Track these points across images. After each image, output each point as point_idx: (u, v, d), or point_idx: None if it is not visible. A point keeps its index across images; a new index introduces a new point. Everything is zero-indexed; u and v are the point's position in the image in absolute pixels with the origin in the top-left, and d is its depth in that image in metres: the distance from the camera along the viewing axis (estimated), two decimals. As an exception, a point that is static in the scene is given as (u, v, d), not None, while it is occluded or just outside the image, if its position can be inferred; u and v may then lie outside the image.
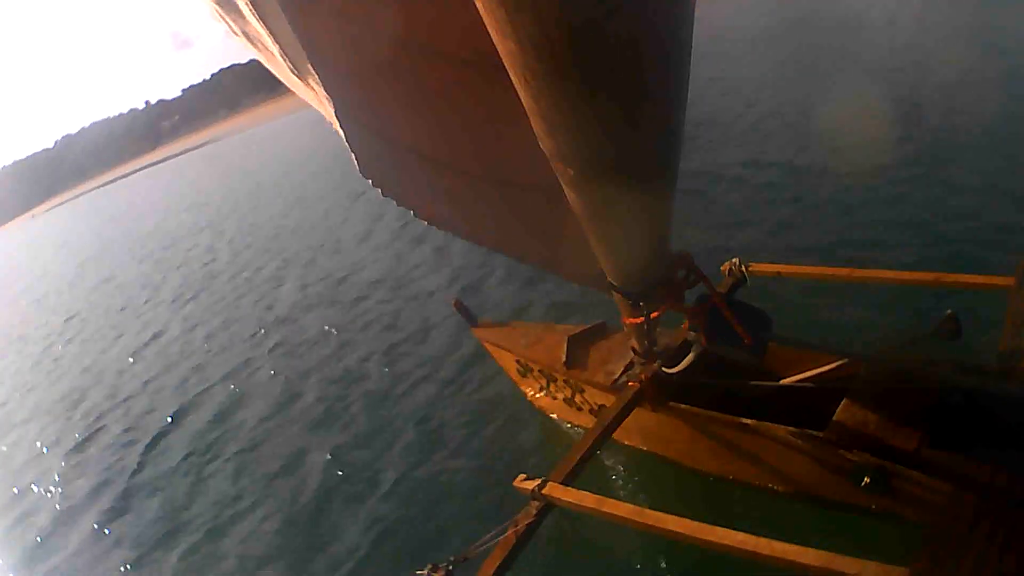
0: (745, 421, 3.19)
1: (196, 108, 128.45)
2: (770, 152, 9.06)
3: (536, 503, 2.99)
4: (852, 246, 5.75)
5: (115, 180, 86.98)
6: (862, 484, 2.83)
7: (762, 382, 3.39)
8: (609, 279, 2.76)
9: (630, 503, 2.89)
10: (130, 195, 52.91)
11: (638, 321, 3.13)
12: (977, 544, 2.26)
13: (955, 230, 5.49)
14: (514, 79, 1.32)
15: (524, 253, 3.50)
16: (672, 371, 3.37)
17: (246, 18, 1.72)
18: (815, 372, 3.30)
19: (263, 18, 1.65)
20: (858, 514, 2.98)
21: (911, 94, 9.32)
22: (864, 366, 3.22)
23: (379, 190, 2.26)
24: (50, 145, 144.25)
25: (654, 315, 3.04)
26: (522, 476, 3.12)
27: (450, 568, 2.92)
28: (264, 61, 2.08)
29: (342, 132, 1.94)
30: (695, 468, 3.76)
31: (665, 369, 3.44)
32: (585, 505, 2.93)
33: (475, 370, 5.92)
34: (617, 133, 1.44)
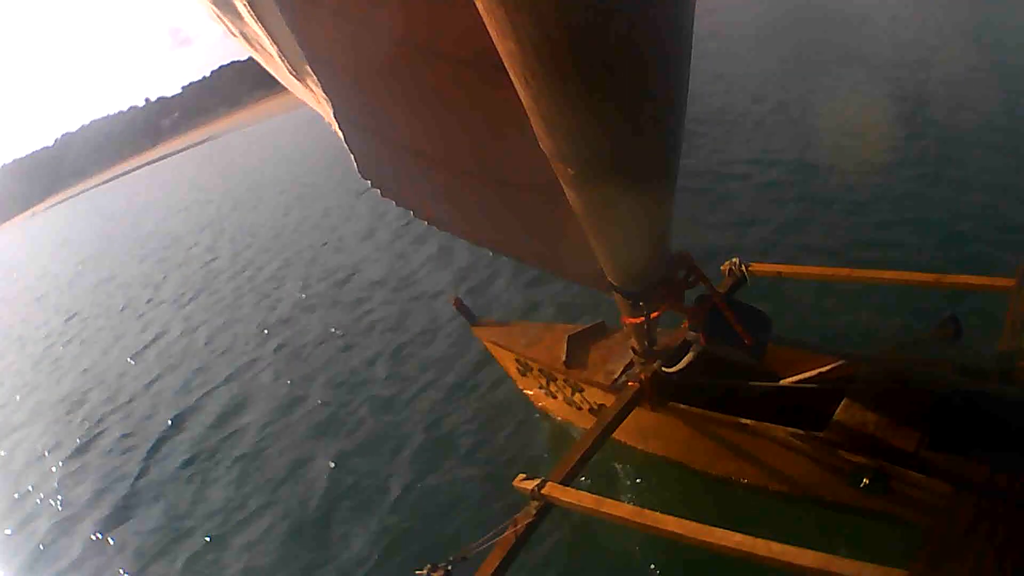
0: (744, 421, 3.19)
1: (196, 105, 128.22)
2: (775, 150, 8.99)
3: (535, 503, 2.99)
4: (859, 246, 5.71)
5: (115, 178, 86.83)
6: (861, 485, 2.83)
7: (762, 382, 3.38)
8: (609, 279, 2.75)
9: (629, 503, 2.91)
10: (130, 193, 52.76)
11: (638, 321, 3.13)
12: (976, 546, 2.25)
13: (964, 229, 5.46)
14: (514, 79, 1.32)
15: (524, 253, 3.50)
16: (672, 371, 3.36)
17: (244, 19, 1.71)
18: (815, 372, 3.30)
19: (261, 19, 1.65)
20: (857, 515, 2.98)
21: (916, 90, 9.26)
22: (864, 367, 3.22)
23: (378, 191, 2.26)
24: (50, 143, 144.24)
25: (654, 315, 3.04)
26: (521, 476, 3.12)
27: (449, 568, 2.93)
28: (262, 62, 2.08)
29: (341, 133, 1.94)
30: (694, 468, 3.76)
31: (665, 369, 3.44)
32: (584, 505, 2.94)
33: (479, 370, 5.89)
34: (617, 133, 1.43)
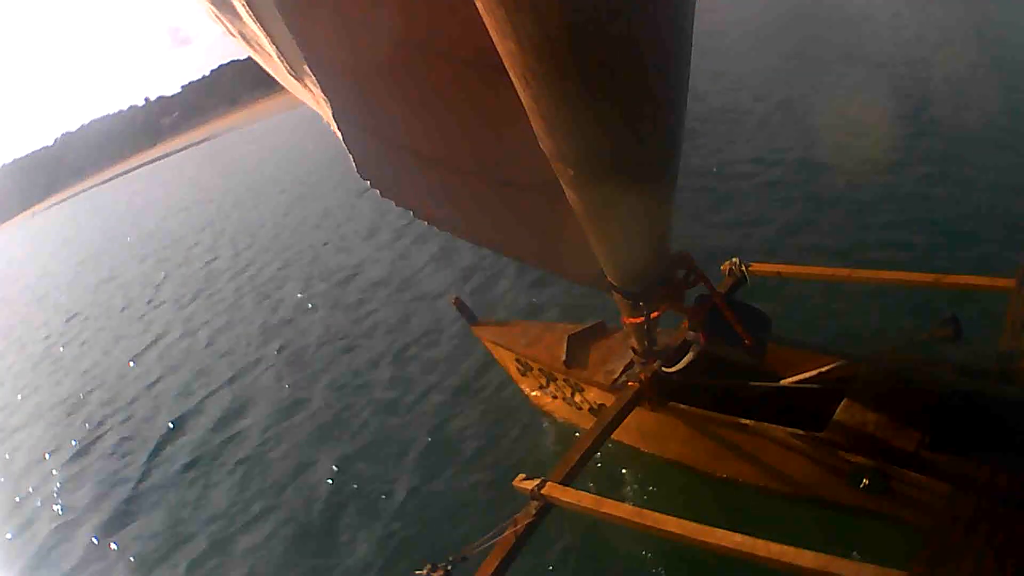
0: (744, 421, 3.19)
1: (196, 104, 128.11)
2: (778, 148, 8.93)
3: (535, 503, 2.99)
4: (864, 246, 5.69)
5: (115, 177, 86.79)
6: (861, 485, 2.83)
7: (762, 382, 3.38)
8: (609, 279, 2.75)
9: (629, 503, 2.91)
10: (131, 192, 52.70)
11: (638, 321, 3.13)
12: (976, 546, 2.25)
13: (970, 229, 5.43)
14: (514, 79, 1.32)
15: (524, 253, 3.50)
16: (672, 371, 3.36)
17: (242, 19, 1.71)
18: (815, 372, 3.30)
19: (259, 19, 1.64)
20: (856, 516, 2.98)
21: (919, 88, 9.20)
22: (864, 367, 3.22)
23: (378, 191, 2.26)
24: (50, 143, 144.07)
25: (654, 315, 3.04)
26: (521, 476, 3.12)
27: (449, 568, 2.93)
28: (261, 62, 2.07)
29: (340, 133, 1.93)
30: (694, 468, 3.76)
31: (665, 369, 3.44)
32: (584, 505, 2.94)
33: (482, 371, 5.84)
34: (617, 133, 1.44)
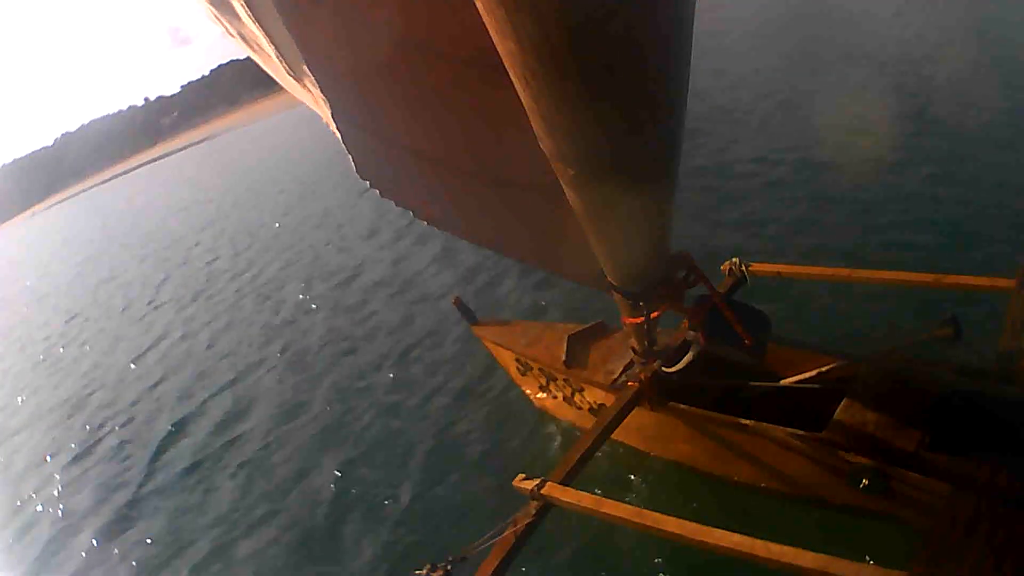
0: (744, 421, 3.19)
1: (195, 104, 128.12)
2: (781, 148, 8.86)
3: (535, 503, 2.99)
4: (868, 246, 5.65)
5: (115, 177, 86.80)
6: (860, 486, 2.83)
7: (762, 382, 3.38)
8: (609, 279, 2.75)
9: (629, 503, 2.90)
10: (131, 192, 52.65)
11: (638, 321, 3.13)
12: (975, 546, 2.25)
13: (976, 229, 5.39)
14: (514, 79, 1.32)
15: (524, 253, 3.49)
16: (672, 371, 3.36)
17: (241, 19, 1.70)
18: (815, 372, 3.30)
19: (258, 19, 1.64)
20: (856, 516, 2.98)
21: (922, 87, 9.14)
22: (864, 367, 3.22)
23: (378, 191, 2.26)
24: (49, 143, 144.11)
25: (654, 315, 3.03)
26: (521, 476, 3.12)
27: (449, 568, 2.93)
28: (260, 63, 2.07)
29: (339, 133, 1.93)
30: (694, 468, 3.76)
31: (665, 369, 3.44)
32: (584, 505, 2.94)
33: (483, 371, 5.79)
34: (617, 133, 1.43)
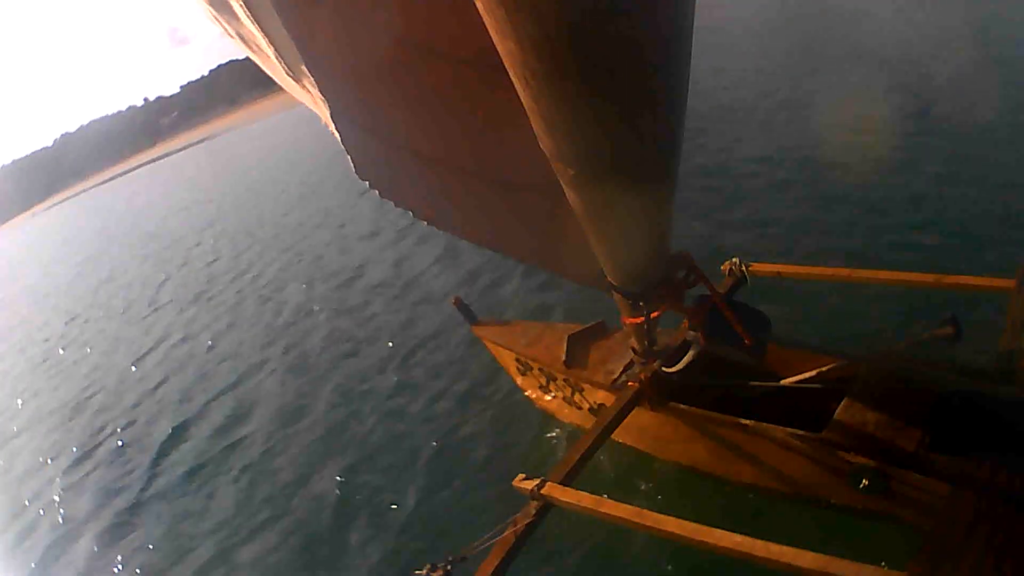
0: (744, 422, 3.19)
1: (195, 104, 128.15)
2: (783, 147, 8.79)
3: (535, 503, 2.99)
4: (871, 246, 5.61)
5: (115, 177, 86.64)
6: (861, 486, 2.83)
7: (762, 382, 3.38)
8: (609, 279, 2.75)
9: (628, 503, 2.89)
10: (131, 193, 52.50)
11: (638, 321, 3.13)
12: (975, 547, 2.25)
13: (976, 229, 5.36)
14: (514, 79, 1.32)
15: (524, 253, 3.49)
16: (672, 371, 3.36)
17: (240, 19, 1.71)
18: (815, 372, 3.29)
19: (257, 20, 1.64)
20: (856, 516, 2.98)
21: (924, 85, 9.07)
22: (864, 367, 3.22)
23: (377, 192, 2.26)
24: (49, 144, 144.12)
25: (654, 315, 3.04)
26: (521, 476, 3.12)
27: (449, 567, 2.93)
28: (260, 63, 2.07)
29: (338, 134, 1.93)
30: (694, 468, 3.75)
31: (665, 369, 3.44)
32: (584, 505, 2.93)
33: (484, 372, 5.74)
34: (617, 133, 1.44)
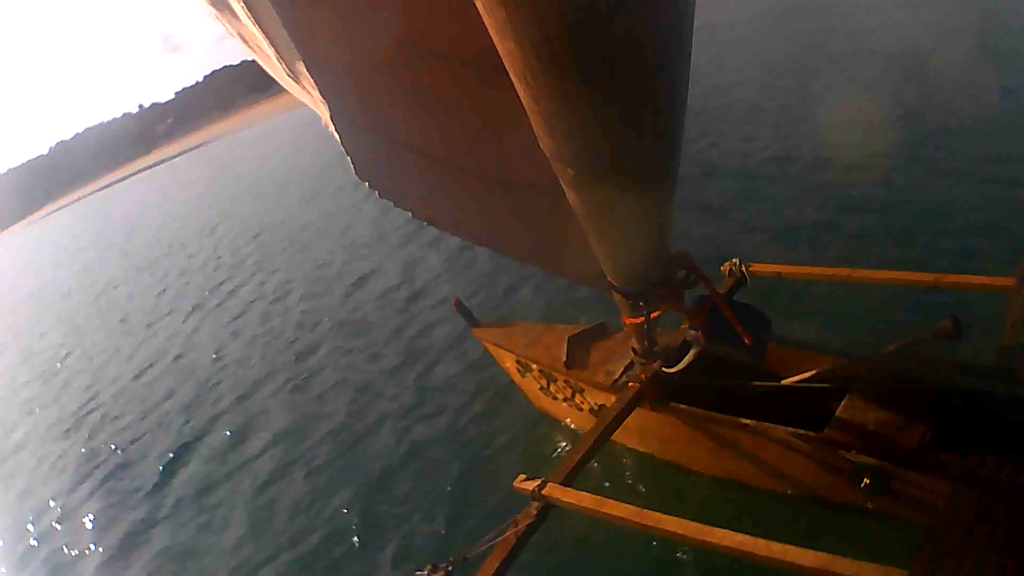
0: (745, 421, 3.19)
1: (190, 110, 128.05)
2: (789, 146, 8.71)
3: (536, 503, 2.99)
4: (879, 248, 5.58)
5: (112, 184, 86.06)
6: (862, 485, 2.84)
7: (762, 382, 3.38)
8: (609, 279, 2.76)
9: (630, 503, 2.89)
10: (128, 199, 52.06)
11: (638, 321, 3.13)
12: (977, 546, 2.25)
13: (983, 227, 5.31)
14: (514, 79, 1.32)
15: (524, 252, 3.50)
16: (672, 371, 3.36)
17: (240, 20, 1.71)
18: (815, 372, 3.30)
19: (257, 20, 1.64)
20: (858, 515, 2.98)
21: (930, 82, 8.97)
22: (864, 366, 3.22)
23: (377, 192, 2.26)
24: (45, 151, 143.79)
25: (654, 315, 3.04)
26: (522, 477, 3.12)
27: (450, 568, 2.93)
28: (261, 63, 2.08)
29: (338, 135, 1.93)
30: (695, 468, 3.76)
31: (665, 369, 3.44)
32: (585, 506, 2.93)
33: (484, 372, 5.68)
34: (617, 133, 1.44)
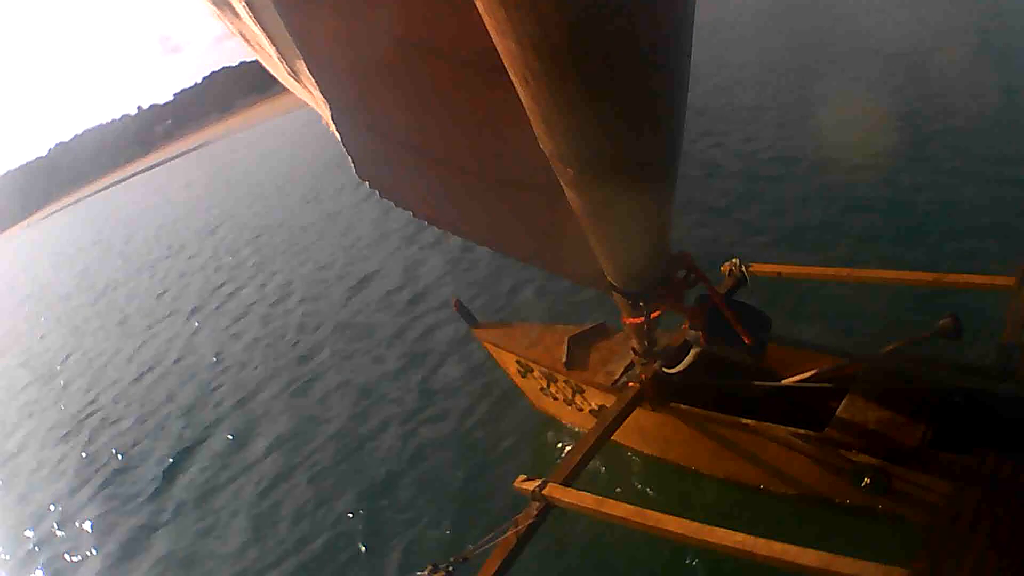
0: (745, 421, 3.19)
1: (189, 112, 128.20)
2: (793, 146, 8.66)
3: (536, 504, 2.99)
4: (884, 249, 5.54)
5: (111, 185, 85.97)
6: (862, 485, 2.84)
7: (762, 382, 3.39)
8: (609, 279, 2.76)
9: (630, 503, 2.89)
10: (127, 201, 51.88)
11: (638, 321, 3.13)
12: (977, 544, 2.26)
13: (988, 226, 5.29)
14: (514, 79, 1.32)
15: (524, 252, 3.50)
16: (672, 371, 3.37)
17: (242, 18, 1.71)
18: (815, 372, 3.30)
19: (259, 19, 1.65)
20: (858, 515, 2.98)
21: (933, 80, 8.93)
22: (864, 366, 3.23)
23: (377, 191, 2.26)
24: (44, 153, 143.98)
25: (654, 315, 3.04)
26: (522, 477, 3.13)
27: (450, 568, 2.93)
28: (262, 62, 2.08)
29: (338, 134, 1.94)
30: (695, 468, 3.76)
31: (665, 369, 3.44)
32: (585, 506, 2.93)
33: (484, 372, 5.65)
34: (617, 133, 1.44)
